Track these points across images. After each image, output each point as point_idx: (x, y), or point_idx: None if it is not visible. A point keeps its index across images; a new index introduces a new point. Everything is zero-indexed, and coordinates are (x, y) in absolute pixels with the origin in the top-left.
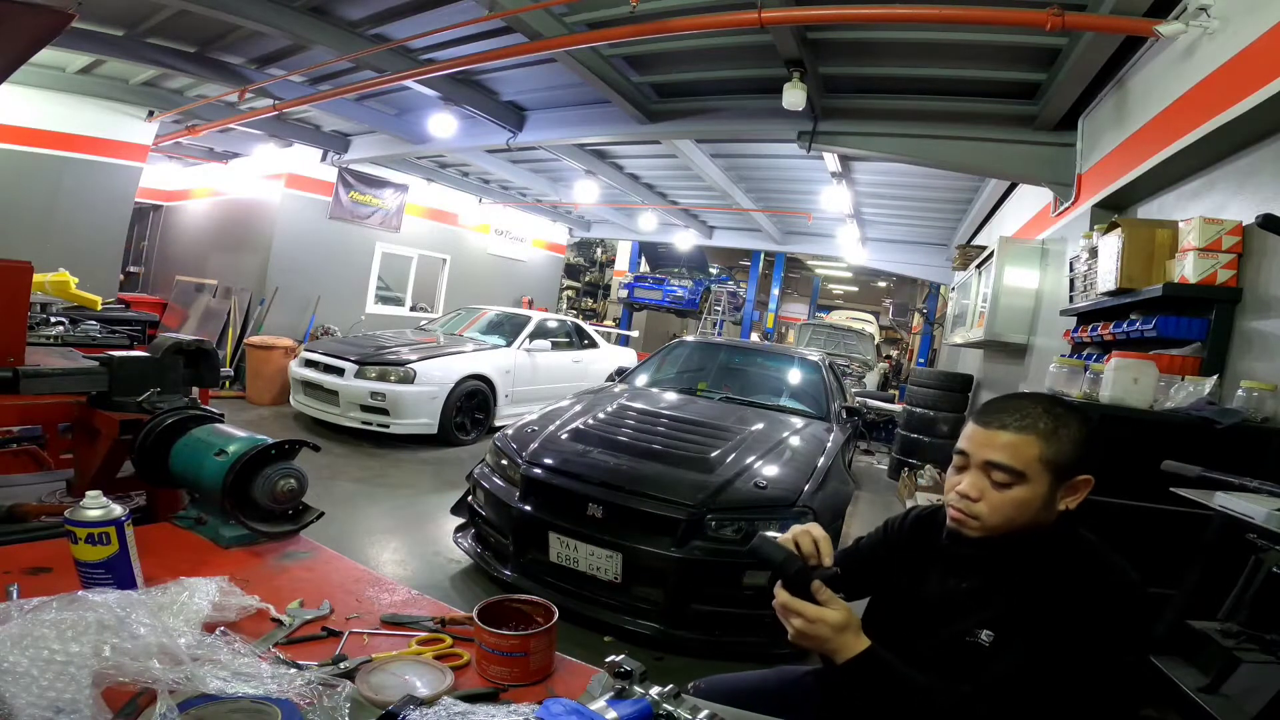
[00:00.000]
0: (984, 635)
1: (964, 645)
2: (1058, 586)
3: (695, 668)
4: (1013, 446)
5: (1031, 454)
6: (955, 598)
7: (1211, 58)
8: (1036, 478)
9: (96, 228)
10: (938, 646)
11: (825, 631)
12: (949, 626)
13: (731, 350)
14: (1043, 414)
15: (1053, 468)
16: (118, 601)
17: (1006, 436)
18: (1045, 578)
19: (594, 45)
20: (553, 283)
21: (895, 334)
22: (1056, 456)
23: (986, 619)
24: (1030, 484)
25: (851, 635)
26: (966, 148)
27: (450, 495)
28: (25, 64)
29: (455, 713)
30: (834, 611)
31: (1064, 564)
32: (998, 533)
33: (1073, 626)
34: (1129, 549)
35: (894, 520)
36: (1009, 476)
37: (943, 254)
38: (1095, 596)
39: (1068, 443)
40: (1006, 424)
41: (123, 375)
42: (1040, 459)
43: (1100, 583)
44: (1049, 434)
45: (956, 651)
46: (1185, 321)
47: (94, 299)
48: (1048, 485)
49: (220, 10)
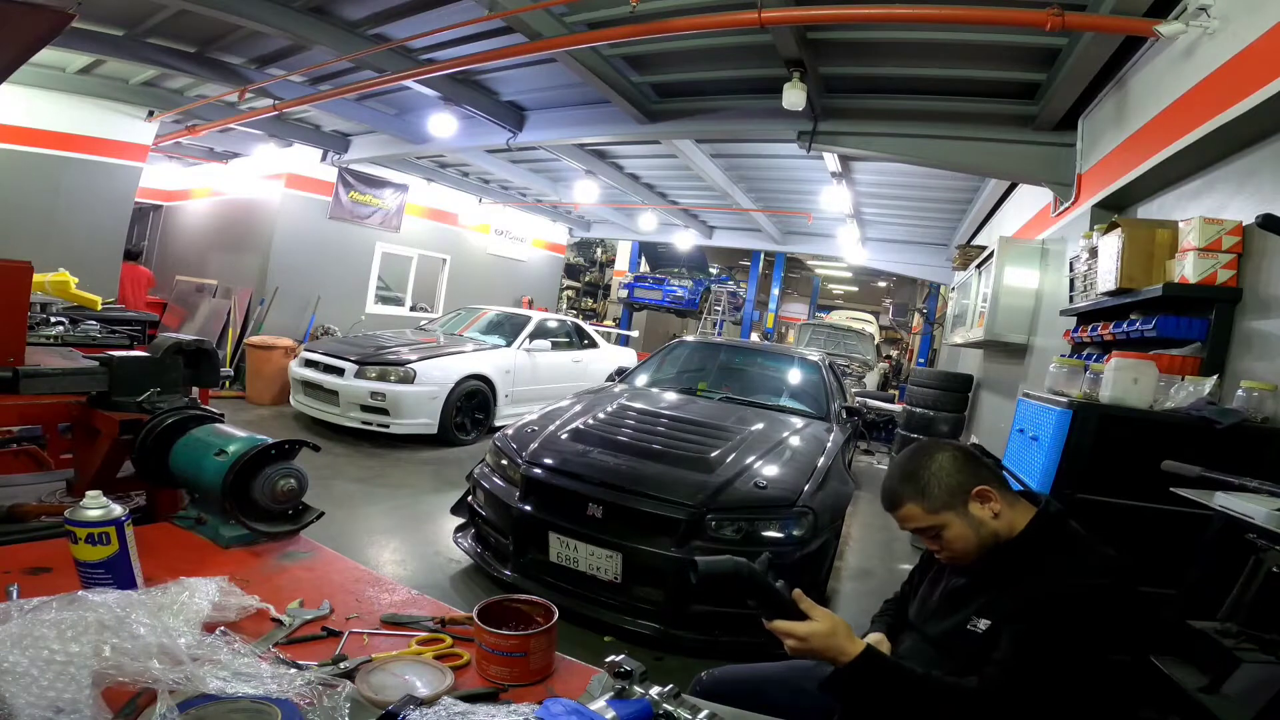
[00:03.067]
0: (981, 623)
1: (964, 633)
2: (1041, 575)
3: (695, 668)
4: (908, 517)
5: (920, 511)
6: (956, 593)
7: (1211, 58)
8: (945, 519)
9: (96, 228)
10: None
11: (819, 643)
12: (952, 619)
13: (731, 350)
14: (903, 483)
15: (944, 506)
16: (118, 601)
17: (900, 513)
18: (1030, 568)
19: (594, 45)
20: (553, 283)
21: (895, 334)
22: (937, 501)
23: (981, 606)
24: (948, 524)
25: (844, 639)
26: (966, 148)
27: (450, 495)
28: (25, 64)
29: (455, 713)
30: (818, 623)
31: (1047, 554)
32: (979, 553)
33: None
34: (1129, 549)
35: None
36: (932, 530)
37: (943, 254)
38: (1076, 580)
39: (936, 485)
40: (892, 506)
41: (123, 375)
42: (929, 510)
43: (1080, 567)
44: (919, 493)
45: (954, 639)
46: (1185, 321)
47: (94, 299)
48: (957, 514)
49: (220, 10)
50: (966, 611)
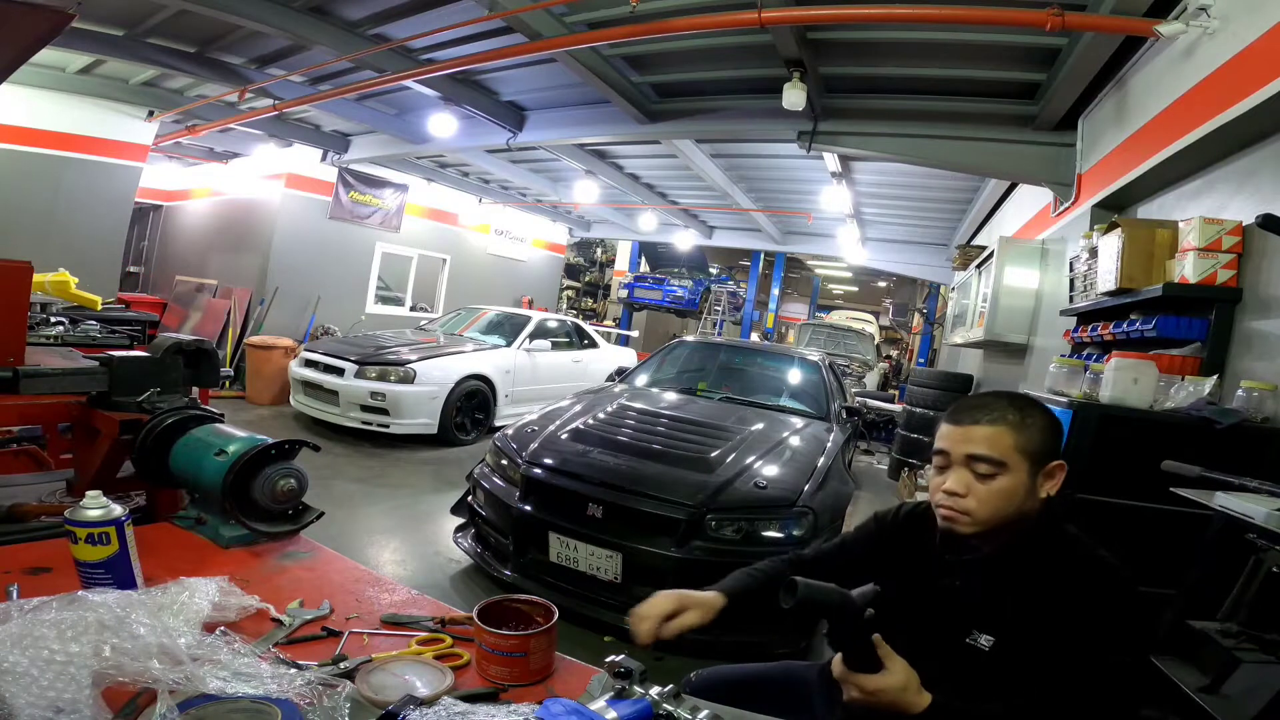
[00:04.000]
0: (983, 640)
1: (963, 647)
2: (1054, 588)
3: (695, 668)
4: (990, 438)
5: (1007, 443)
6: (950, 597)
7: (1211, 58)
8: (1016, 466)
9: (96, 228)
10: (936, 646)
11: (888, 698)
12: (946, 626)
13: (731, 350)
14: (1008, 407)
15: (1028, 454)
16: (118, 601)
17: (982, 430)
18: (1039, 578)
19: (594, 45)
20: (553, 283)
21: (895, 334)
22: (1029, 444)
23: (983, 622)
24: (1012, 472)
25: (914, 693)
26: (966, 148)
27: (450, 495)
28: (25, 64)
29: (455, 713)
30: (892, 675)
31: (1055, 563)
32: (989, 526)
33: (1078, 628)
34: (1129, 549)
35: (885, 514)
36: (992, 467)
37: (943, 254)
38: (1095, 596)
39: (1036, 431)
40: (979, 419)
41: (123, 375)
42: (1016, 447)
43: (1097, 582)
44: (1018, 424)
45: (955, 653)
46: (1185, 321)
47: (94, 299)
48: (1027, 472)
49: (220, 10)
50: (964, 623)
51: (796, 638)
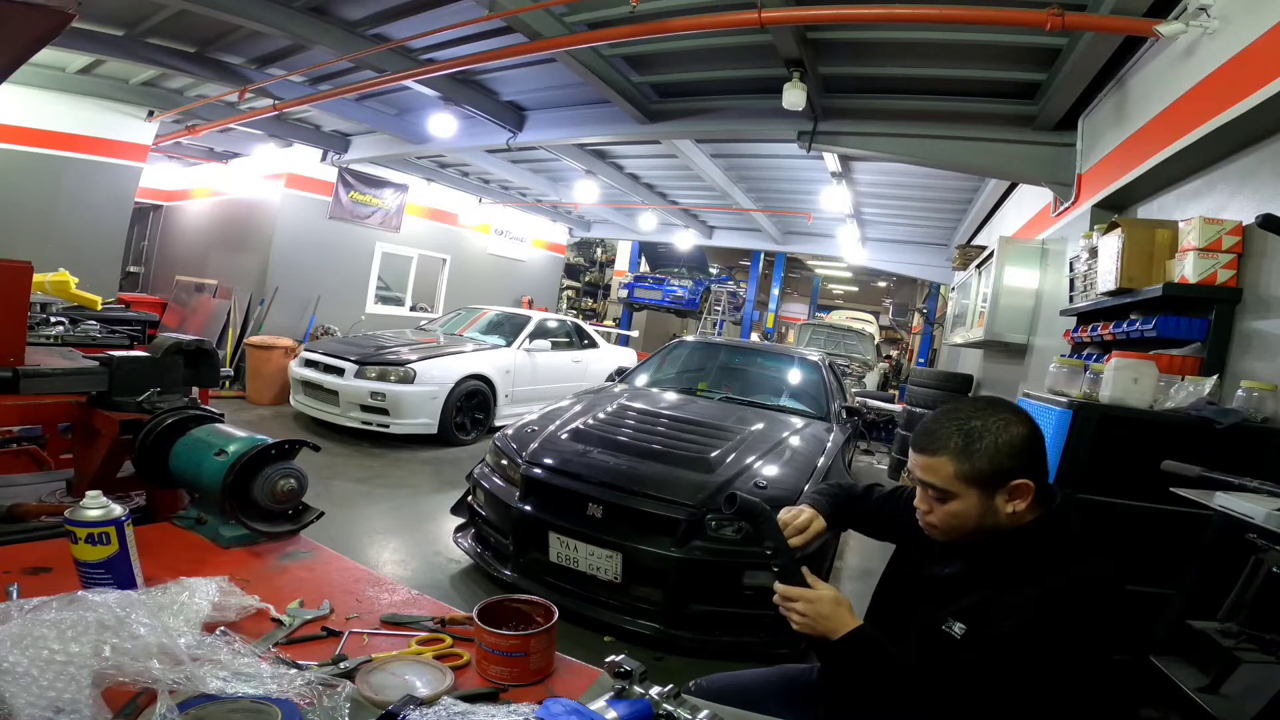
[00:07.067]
0: (956, 627)
1: (938, 634)
2: (1025, 584)
3: (695, 667)
4: (932, 467)
5: (948, 472)
6: (934, 583)
7: (1211, 58)
8: (962, 492)
9: (96, 228)
10: (916, 628)
11: (826, 609)
12: (926, 610)
13: (731, 350)
14: (955, 433)
15: (972, 481)
16: (118, 601)
17: (924, 460)
18: (1015, 574)
19: (594, 45)
20: (553, 283)
21: (895, 334)
22: (973, 472)
23: (959, 610)
24: (958, 498)
25: (846, 612)
26: (966, 148)
27: (450, 495)
28: (25, 64)
29: (455, 713)
30: (828, 589)
31: (1035, 561)
32: (952, 537)
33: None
34: (1129, 549)
35: (901, 491)
36: (937, 493)
37: (943, 254)
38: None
39: (985, 458)
40: (924, 447)
41: (123, 375)
42: (957, 475)
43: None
44: (961, 452)
45: (930, 637)
46: (1185, 321)
47: (94, 299)
48: (976, 497)
49: (220, 10)
50: (942, 609)
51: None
